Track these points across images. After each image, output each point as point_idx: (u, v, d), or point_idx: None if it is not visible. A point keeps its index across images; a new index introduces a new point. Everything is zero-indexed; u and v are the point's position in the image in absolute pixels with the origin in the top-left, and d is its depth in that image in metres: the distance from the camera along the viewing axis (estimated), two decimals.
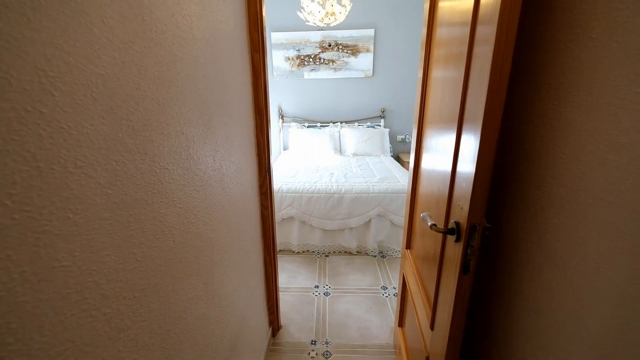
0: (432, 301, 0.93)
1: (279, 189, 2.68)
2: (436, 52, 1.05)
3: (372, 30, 4.00)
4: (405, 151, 4.41)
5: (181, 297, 0.74)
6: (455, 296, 0.76)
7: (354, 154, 3.96)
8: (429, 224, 0.79)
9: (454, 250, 0.78)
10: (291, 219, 2.71)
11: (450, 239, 0.79)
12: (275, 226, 1.69)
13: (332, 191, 2.65)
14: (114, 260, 0.51)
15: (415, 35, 4.00)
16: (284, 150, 4.43)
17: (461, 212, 0.74)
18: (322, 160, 3.69)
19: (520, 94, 0.75)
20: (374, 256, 2.74)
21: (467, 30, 0.72)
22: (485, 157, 0.65)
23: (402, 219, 2.63)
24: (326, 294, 2.24)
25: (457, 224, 0.75)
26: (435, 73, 1.05)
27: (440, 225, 0.87)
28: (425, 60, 1.16)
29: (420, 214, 0.87)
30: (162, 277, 0.65)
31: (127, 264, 0.54)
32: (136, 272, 0.57)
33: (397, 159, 4.34)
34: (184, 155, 0.74)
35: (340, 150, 4.11)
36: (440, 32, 1.01)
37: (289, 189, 2.68)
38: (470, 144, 0.69)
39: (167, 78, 0.65)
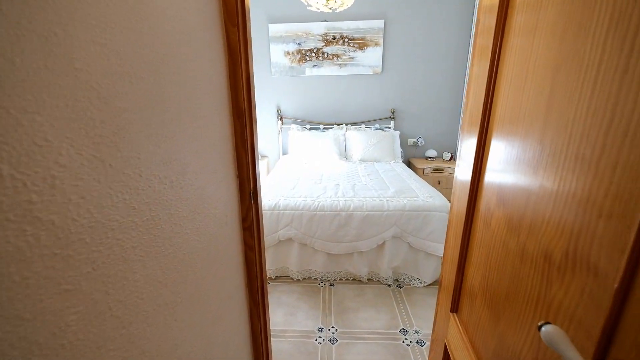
0: None
1: (275, 204, 2.24)
2: (520, 42, 0.68)
3: (382, 21, 3.55)
4: (418, 156, 3.96)
5: None
6: None
7: (362, 160, 3.52)
8: None
9: None
10: (290, 240, 2.27)
11: None
12: (265, 271, 1.26)
13: (338, 208, 2.21)
14: None
15: (430, 26, 3.55)
16: (283, 154, 3.99)
17: None
18: (325, 167, 3.25)
19: None
20: (389, 285, 2.29)
21: None
22: None
23: (422, 241, 2.19)
24: (332, 340, 1.80)
25: None
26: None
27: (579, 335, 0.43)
28: (494, 52, 0.82)
29: (541, 328, 0.44)
30: None
31: None
32: None
33: (409, 164, 3.89)
34: (26, 224, 0.30)
35: (345, 155, 3.67)
36: (527, 18, 0.64)
37: (287, 205, 2.24)
38: None
39: None
